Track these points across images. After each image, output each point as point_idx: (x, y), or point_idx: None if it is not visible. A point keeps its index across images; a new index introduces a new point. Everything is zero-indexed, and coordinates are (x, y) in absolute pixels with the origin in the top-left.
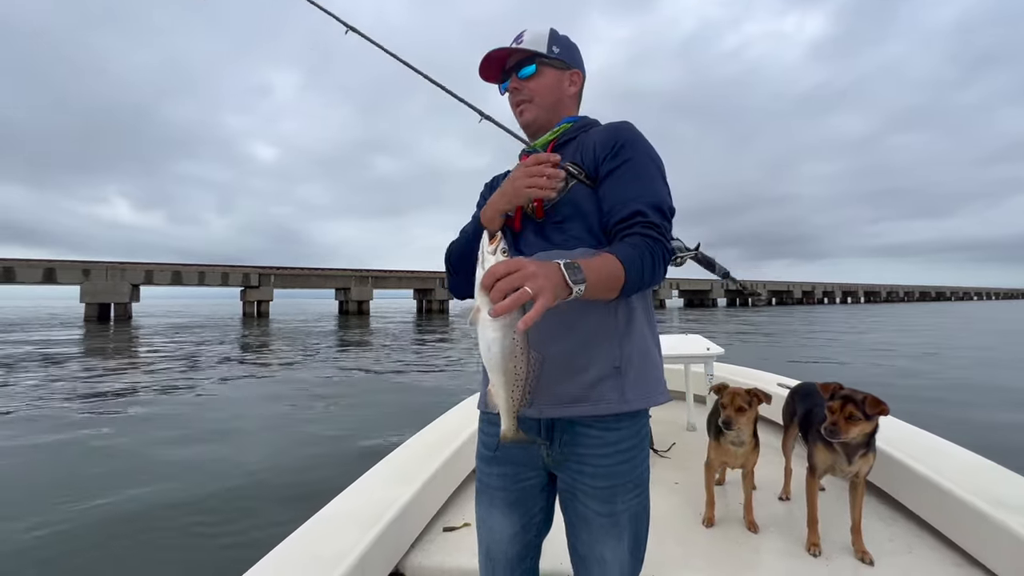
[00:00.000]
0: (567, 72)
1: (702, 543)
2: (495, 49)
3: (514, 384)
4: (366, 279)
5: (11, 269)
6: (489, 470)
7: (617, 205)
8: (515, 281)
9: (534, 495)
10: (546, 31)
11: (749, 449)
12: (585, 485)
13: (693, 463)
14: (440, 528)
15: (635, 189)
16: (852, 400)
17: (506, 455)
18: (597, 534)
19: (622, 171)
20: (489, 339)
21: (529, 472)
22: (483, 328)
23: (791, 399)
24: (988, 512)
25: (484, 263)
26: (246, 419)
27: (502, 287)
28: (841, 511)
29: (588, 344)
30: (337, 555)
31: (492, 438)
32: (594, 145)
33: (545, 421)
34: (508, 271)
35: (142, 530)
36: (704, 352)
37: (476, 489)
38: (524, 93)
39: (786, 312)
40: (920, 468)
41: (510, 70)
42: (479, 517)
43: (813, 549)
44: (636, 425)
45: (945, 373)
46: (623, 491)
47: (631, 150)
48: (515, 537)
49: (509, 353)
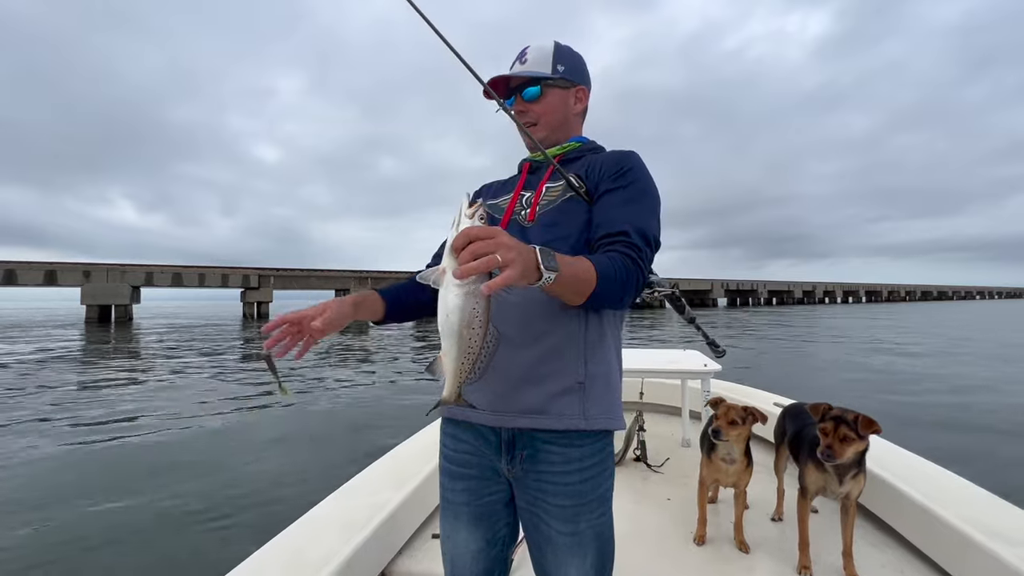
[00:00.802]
0: (572, 90)
1: (692, 561)
2: (499, 76)
3: (466, 354)
4: (365, 280)
5: (13, 271)
6: (452, 485)
7: (605, 222)
8: (488, 247)
9: (498, 510)
10: (551, 47)
11: (741, 468)
12: (547, 504)
13: (686, 479)
14: (429, 535)
15: (626, 213)
16: (844, 421)
17: (469, 470)
18: (562, 555)
19: (619, 194)
20: (450, 303)
21: (493, 486)
22: (445, 291)
23: (782, 419)
24: (982, 542)
25: (460, 226)
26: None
27: (474, 249)
28: (833, 534)
29: (553, 356)
30: (323, 558)
31: (455, 452)
32: (600, 165)
33: (506, 434)
34: (483, 235)
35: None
36: (701, 368)
37: (440, 504)
38: (530, 115)
39: (790, 312)
40: (914, 495)
41: (514, 89)
42: (444, 532)
43: (804, 572)
44: (599, 443)
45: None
46: (586, 511)
47: (633, 177)
48: (480, 553)
49: (468, 321)
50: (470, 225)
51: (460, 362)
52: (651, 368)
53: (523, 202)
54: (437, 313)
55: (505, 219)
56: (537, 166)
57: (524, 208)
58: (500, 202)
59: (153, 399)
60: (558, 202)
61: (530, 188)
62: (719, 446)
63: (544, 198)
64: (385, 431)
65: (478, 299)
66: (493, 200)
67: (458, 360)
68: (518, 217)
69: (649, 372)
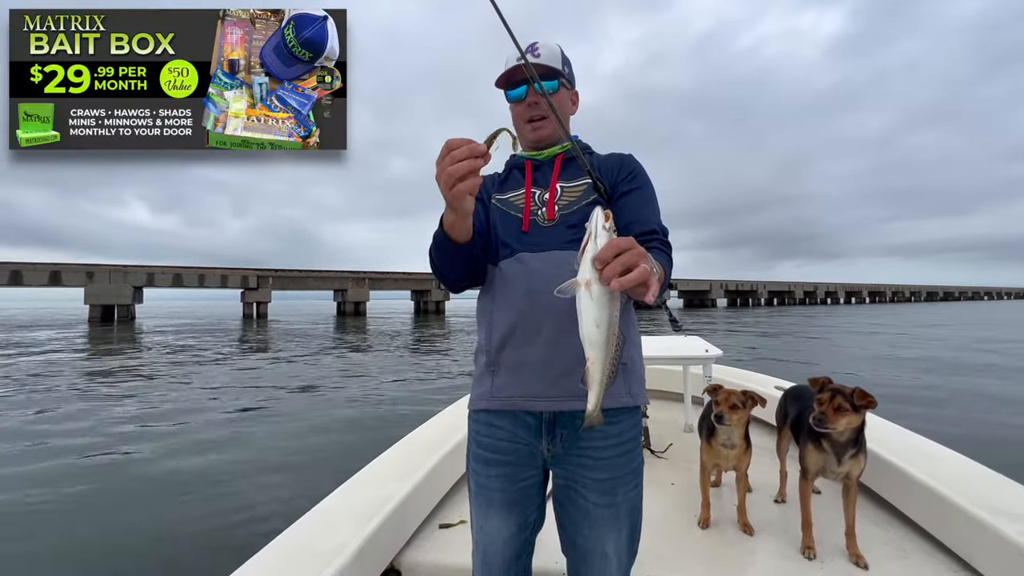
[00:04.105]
0: (571, 92)
1: (697, 544)
2: (534, 63)
3: (611, 360)
4: (363, 280)
5: (19, 272)
6: (487, 471)
7: (635, 222)
8: (635, 257)
9: (531, 494)
10: (557, 48)
11: (740, 451)
12: (586, 478)
13: (690, 464)
14: (436, 525)
15: (647, 211)
16: (840, 392)
17: (505, 456)
18: (599, 527)
19: (637, 194)
20: (597, 314)
21: (528, 471)
22: (591, 302)
23: (783, 401)
24: (985, 519)
25: (597, 238)
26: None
27: (625, 261)
28: (836, 514)
29: None
30: (333, 549)
31: (489, 439)
32: (610, 167)
33: (547, 416)
34: (627, 247)
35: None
36: (703, 354)
37: (471, 492)
38: (542, 109)
39: (789, 313)
40: (916, 473)
41: (525, 80)
42: (475, 521)
43: (808, 552)
44: (634, 419)
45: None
46: (622, 483)
47: (643, 179)
48: (512, 538)
49: (613, 329)
50: (607, 237)
51: (606, 370)
52: (653, 355)
53: (536, 200)
54: (580, 325)
55: (526, 219)
56: (538, 164)
57: (540, 207)
58: (511, 198)
59: (158, 396)
60: (581, 203)
61: (539, 186)
62: (719, 431)
63: (563, 198)
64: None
65: (615, 305)
66: (502, 195)
67: (605, 369)
68: (536, 216)
69: (651, 359)
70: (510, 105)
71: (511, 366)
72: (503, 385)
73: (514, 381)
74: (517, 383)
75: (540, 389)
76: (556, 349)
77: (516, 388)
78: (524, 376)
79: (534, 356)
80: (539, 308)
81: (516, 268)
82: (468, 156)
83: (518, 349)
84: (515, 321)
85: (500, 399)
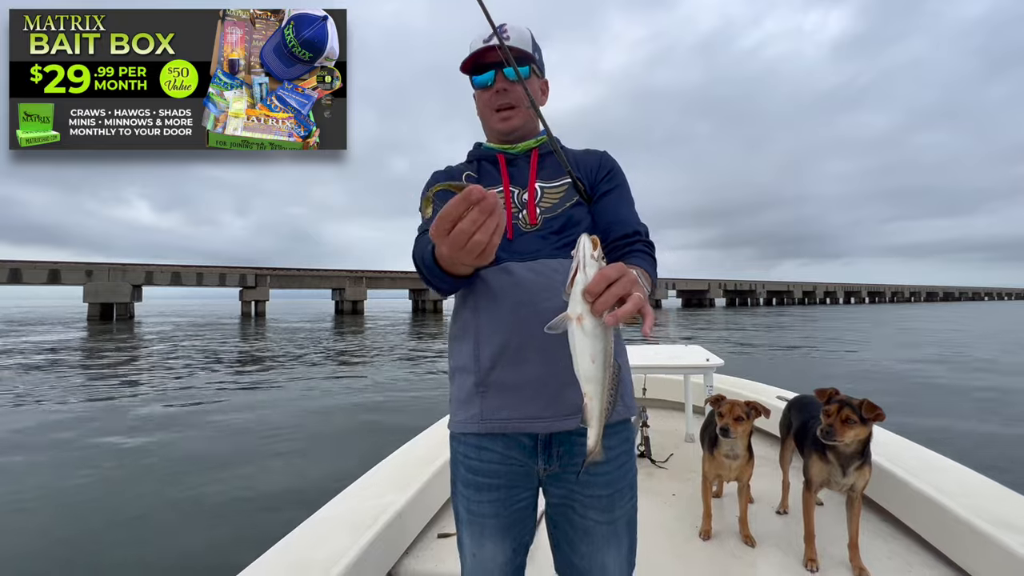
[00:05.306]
0: (541, 80)
1: (698, 555)
2: (495, 46)
3: (608, 393)
4: (360, 279)
5: (18, 270)
6: (479, 497)
7: (616, 223)
8: (627, 286)
9: (526, 516)
10: (527, 31)
11: (743, 462)
12: (585, 495)
13: (691, 474)
14: (434, 534)
15: (627, 212)
16: (848, 404)
17: (497, 479)
18: (599, 543)
19: (616, 194)
20: (592, 348)
21: (522, 492)
22: (584, 337)
23: (787, 412)
24: (988, 531)
25: (587, 269)
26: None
27: (616, 292)
28: (839, 527)
29: None
30: (330, 558)
31: (480, 462)
32: (590, 167)
33: (543, 436)
34: (616, 276)
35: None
36: (704, 363)
37: (462, 520)
38: (511, 97)
39: (789, 313)
40: (920, 485)
41: (493, 65)
42: (467, 550)
43: (810, 564)
44: (626, 431)
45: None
46: (619, 497)
47: (620, 178)
48: (507, 564)
49: (609, 362)
50: (597, 268)
51: (604, 404)
52: (654, 364)
53: (516, 201)
54: (575, 361)
55: (508, 223)
56: (512, 158)
57: (520, 208)
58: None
59: (161, 393)
60: (564, 205)
61: (517, 184)
62: (722, 442)
63: (544, 200)
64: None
65: (609, 337)
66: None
67: (603, 403)
68: (517, 220)
69: (652, 368)
70: (475, 92)
71: (504, 387)
72: (496, 407)
73: (509, 403)
74: (512, 405)
75: (536, 410)
76: (550, 368)
77: (511, 410)
78: (520, 397)
79: (529, 376)
80: (531, 324)
81: (504, 280)
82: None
83: (511, 368)
84: (506, 339)
85: (494, 422)
